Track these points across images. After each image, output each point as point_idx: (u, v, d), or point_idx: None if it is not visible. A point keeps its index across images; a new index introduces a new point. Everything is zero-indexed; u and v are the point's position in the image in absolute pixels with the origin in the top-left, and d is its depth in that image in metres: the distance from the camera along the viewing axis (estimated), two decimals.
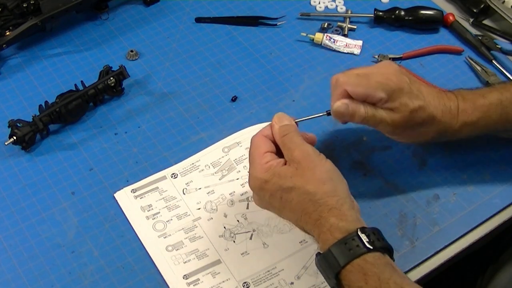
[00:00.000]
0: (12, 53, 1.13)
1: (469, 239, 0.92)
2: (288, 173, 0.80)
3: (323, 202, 0.78)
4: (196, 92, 1.08)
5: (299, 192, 0.79)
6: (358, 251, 0.74)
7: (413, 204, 0.94)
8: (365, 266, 0.74)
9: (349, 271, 0.74)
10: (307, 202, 0.79)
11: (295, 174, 0.80)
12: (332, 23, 1.17)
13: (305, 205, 0.79)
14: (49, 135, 1.02)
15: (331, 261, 0.75)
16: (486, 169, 0.98)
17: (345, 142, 1.00)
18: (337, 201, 0.78)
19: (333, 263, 0.75)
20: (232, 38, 1.16)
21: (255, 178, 0.83)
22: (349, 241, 0.75)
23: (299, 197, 0.79)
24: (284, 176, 0.80)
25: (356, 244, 0.75)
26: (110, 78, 1.04)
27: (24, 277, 0.87)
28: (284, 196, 0.81)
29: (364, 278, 0.73)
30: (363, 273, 0.74)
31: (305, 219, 0.80)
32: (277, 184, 0.81)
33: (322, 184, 0.79)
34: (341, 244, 0.75)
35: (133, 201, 0.94)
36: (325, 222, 0.77)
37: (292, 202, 0.80)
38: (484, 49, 1.12)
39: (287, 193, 0.80)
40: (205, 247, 0.89)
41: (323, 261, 0.77)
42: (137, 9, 1.20)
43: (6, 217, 0.93)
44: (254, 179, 0.83)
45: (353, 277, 0.74)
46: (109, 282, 0.87)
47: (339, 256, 0.75)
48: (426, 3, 1.18)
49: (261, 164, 0.82)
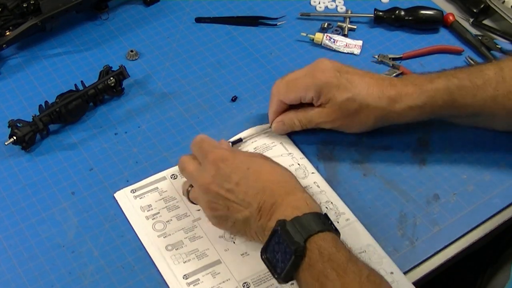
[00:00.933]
0: (12, 53, 1.13)
1: (469, 239, 0.92)
2: (229, 159, 0.87)
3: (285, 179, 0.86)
4: (196, 92, 1.08)
5: (255, 165, 0.86)
6: (328, 226, 0.78)
7: (413, 204, 0.94)
8: (336, 238, 0.78)
9: (321, 238, 0.76)
10: (274, 173, 0.86)
11: (235, 156, 0.88)
12: (332, 23, 1.17)
13: (271, 176, 0.85)
14: (49, 135, 1.02)
15: (300, 226, 0.77)
16: (486, 169, 0.98)
17: (345, 142, 1.00)
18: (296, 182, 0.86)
19: (305, 228, 0.76)
20: (232, 38, 1.16)
21: (199, 194, 0.88)
22: (321, 216, 0.79)
23: (259, 170, 0.86)
24: (224, 160, 0.86)
25: (329, 221, 0.80)
26: (110, 78, 1.04)
27: (24, 277, 0.87)
28: (240, 174, 0.85)
29: (335, 245, 0.76)
30: (335, 242, 0.77)
31: (276, 188, 0.83)
32: (223, 172, 0.85)
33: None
34: (313, 215, 0.78)
35: (133, 201, 0.94)
36: (298, 191, 0.83)
37: (248, 179, 0.84)
38: (484, 49, 1.12)
39: (240, 169, 0.86)
40: (205, 247, 0.89)
41: (292, 225, 0.77)
42: (137, 9, 1.20)
43: (6, 217, 0.93)
44: (200, 193, 0.87)
45: (324, 243, 0.76)
46: (109, 282, 0.87)
47: (313, 224, 0.77)
48: (426, 3, 1.18)
49: (198, 178, 0.87)
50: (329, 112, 0.94)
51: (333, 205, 0.92)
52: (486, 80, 0.92)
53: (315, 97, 0.93)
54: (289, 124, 0.97)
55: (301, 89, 0.93)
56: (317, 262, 0.75)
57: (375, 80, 0.94)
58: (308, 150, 0.99)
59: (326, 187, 0.95)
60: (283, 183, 0.84)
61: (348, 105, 0.93)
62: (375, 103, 0.92)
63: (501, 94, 0.92)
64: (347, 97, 0.92)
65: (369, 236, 0.90)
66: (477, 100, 0.92)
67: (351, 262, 0.75)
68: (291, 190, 0.83)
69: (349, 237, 0.88)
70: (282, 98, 0.95)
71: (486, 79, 0.92)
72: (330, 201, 0.93)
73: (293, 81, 0.95)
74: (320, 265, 0.74)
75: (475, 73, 0.93)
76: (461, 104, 0.93)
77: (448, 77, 0.93)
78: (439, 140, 1.01)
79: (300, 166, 0.97)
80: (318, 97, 0.93)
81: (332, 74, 0.93)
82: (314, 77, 0.93)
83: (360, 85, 0.93)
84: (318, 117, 0.95)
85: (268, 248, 0.79)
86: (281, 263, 0.77)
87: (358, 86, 0.93)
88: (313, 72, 0.94)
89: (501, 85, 0.92)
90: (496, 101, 0.92)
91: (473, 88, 0.92)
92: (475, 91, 0.92)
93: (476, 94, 0.92)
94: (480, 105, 0.92)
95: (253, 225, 0.83)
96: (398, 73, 1.09)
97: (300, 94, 0.94)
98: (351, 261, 0.75)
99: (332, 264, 0.74)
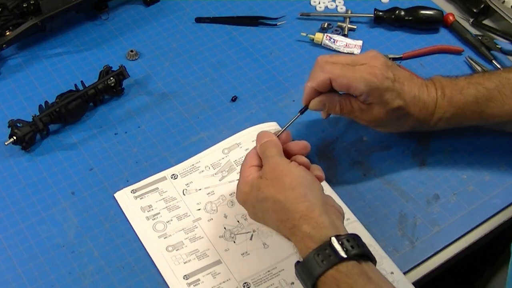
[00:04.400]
0: (12, 53, 1.13)
1: (469, 239, 0.92)
2: (261, 185, 0.81)
3: (293, 209, 0.78)
4: (196, 92, 1.08)
5: (271, 201, 0.80)
6: (331, 261, 0.73)
7: (413, 204, 0.94)
8: (339, 277, 0.73)
9: (323, 282, 0.73)
10: (280, 211, 0.79)
11: (267, 185, 0.81)
12: (332, 23, 1.17)
13: (279, 214, 0.80)
14: (49, 135, 1.02)
15: (306, 272, 0.75)
16: (486, 169, 0.98)
17: (345, 142, 1.00)
18: (308, 206, 0.78)
19: (308, 274, 0.74)
20: (232, 38, 1.16)
21: (239, 191, 0.85)
22: (321, 251, 0.74)
23: (273, 207, 0.80)
24: (258, 187, 0.82)
25: (329, 254, 0.73)
26: (110, 78, 1.04)
27: (24, 277, 0.87)
28: (262, 207, 0.82)
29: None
30: (336, 284, 0.72)
31: (282, 228, 0.80)
32: (254, 196, 0.82)
33: (291, 191, 0.79)
34: (314, 255, 0.74)
35: (133, 201, 0.94)
36: (298, 231, 0.77)
37: (268, 212, 0.81)
38: (484, 49, 1.12)
39: (263, 203, 0.81)
40: (205, 248, 0.89)
41: (300, 271, 0.76)
42: (137, 9, 1.20)
43: (6, 217, 0.93)
44: (238, 192, 0.86)
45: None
46: (109, 282, 0.87)
47: (313, 268, 0.74)
48: (426, 3, 1.18)
49: (244, 177, 0.85)
50: (374, 113, 0.90)
51: None
52: None
53: (364, 94, 0.88)
54: (330, 107, 0.91)
55: (357, 80, 0.87)
56: None
57: (418, 88, 0.91)
58: None
59: (326, 187, 0.94)
60: (291, 216, 0.79)
61: (396, 112, 0.90)
62: (417, 114, 0.91)
63: None
64: (398, 105, 0.89)
65: (369, 236, 0.90)
66: (505, 109, 0.91)
67: None
68: (296, 225, 0.78)
69: None
70: (334, 79, 0.88)
71: None
72: None
73: (350, 67, 0.88)
74: None
75: (504, 83, 0.92)
76: (489, 115, 0.92)
77: (477, 87, 0.92)
78: (439, 140, 1.01)
79: None
80: (367, 96, 0.88)
81: (388, 75, 0.88)
82: (373, 74, 0.87)
83: (409, 93, 0.90)
84: (362, 113, 0.91)
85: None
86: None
87: (408, 95, 0.90)
88: (372, 67, 0.88)
89: None
90: None
91: (501, 99, 0.91)
92: (504, 101, 0.91)
93: (504, 104, 0.91)
94: (508, 115, 0.92)
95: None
96: None
97: (354, 84, 0.87)
98: None
99: None
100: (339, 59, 0.89)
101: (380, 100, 0.89)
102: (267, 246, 0.90)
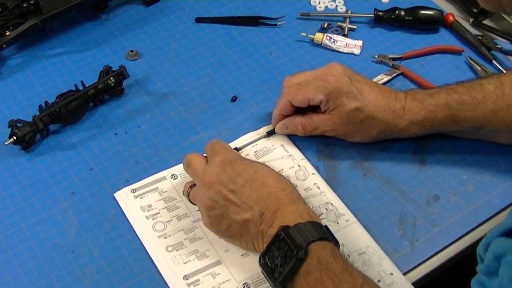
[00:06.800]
0: (12, 53, 1.13)
1: (469, 240, 0.92)
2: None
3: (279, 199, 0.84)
4: (196, 92, 1.08)
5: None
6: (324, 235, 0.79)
7: (413, 204, 0.94)
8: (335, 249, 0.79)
9: (320, 246, 0.77)
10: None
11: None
12: (332, 23, 1.17)
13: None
14: (49, 135, 1.02)
15: (302, 234, 0.78)
16: (486, 169, 0.98)
17: (345, 142, 1.00)
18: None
19: (304, 236, 0.77)
20: (232, 38, 1.16)
21: (205, 189, 0.87)
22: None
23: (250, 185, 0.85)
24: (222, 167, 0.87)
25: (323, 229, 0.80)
26: (110, 78, 1.04)
27: (24, 277, 0.87)
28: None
29: (333, 254, 0.77)
30: (333, 251, 0.77)
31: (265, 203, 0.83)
32: (226, 174, 0.86)
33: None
34: (312, 223, 0.79)
35: (133, 201, 0.94)
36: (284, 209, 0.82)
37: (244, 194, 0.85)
38: (484, 49, 1.12)
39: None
40: (205, 248, 0.89)
41: (295, 231, 0.78)
42: (137, 9, 1.20)
43: (6, 217, 0.93)
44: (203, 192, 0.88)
45: (323, 252, 0.76)
46: (109, 282, 0.87)
47: (310, 233, 0.78)
48: (426, 3, 1.18)
49: (202, 173, 0.88)
50: (335, 120, 0.94)
51: (333, 206, 0.92)
52: (486, 94, 0.92)
53: (323, 101, 0.93)
54: (293, 129, 0.98)
55: (311, 91, 0.93)
56: (315, 270, 0.76)
57: (382, 93, 0.95)
58: (308, 151, 0.99)
59: (326, 188, 0.95)
60: (288, 192, 0.84)
61: (355, 114, 0.93)
62: (381, 116, 0.94)
63: (500, 108, 0.92)
64: (355, 106, 0.93)
65: (369, 237, 0.90)
66: (477, 114, 0.93)
67: (347, 272, 0.75)
68: (294, 200, 0.83)
69: (349, 238, 0.88)
70: (291, 99, 0.95)
71: (486, 93, 0.93)
72: (330, 202, 0.93)
73: (304, 83, 0.95)
74: (318, 273, 0.75)
75: (476, 88, 0.93)
76: (461, 119, 0.93)
77: (449, 91, 0.94)
78: (439, 140, 1.01)
79: (301, 167, 0.97)
80: (327, 101, 0.93)
81: (343, 80, 0.93)
82: (325, 80, 0.93)
83: (369, 95, 0.94)
84: (323, 124, 0.96)
85: (268, 253, 0.79)
86: (280, 267, 0.77)
87: (367, 97, 0.94)
88: (325, 76, 0.94)
89: (500, 99, 0.92)
90: (496, 115, 0.92)
91: (473, 103, 0.92)
92: (475, 106, 0.92)
93: (476, 108, 0.92)
94: (480, 119, 0.93)
95: (252, 229, 0.83)
96: (398, 73, 1.09)
97: (309, 96, 0.93)
98: (347, 271, 0.76)
99: (329, 273, 0.75)
100: (297, 79, 0.96)
101: (337, 103, 0.93)
102: None
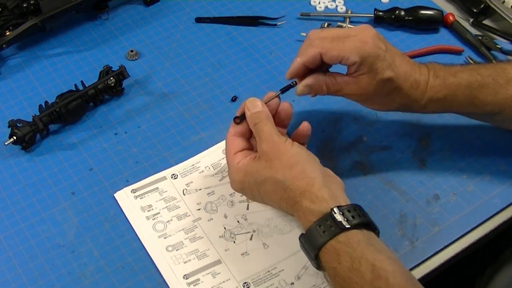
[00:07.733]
0: (12, 53, 1.13)
1: (469, 239, 0.92)
2: (259, 167, 0.83)
3: (294, 187, 0.80)
4: (196, 92, 1.08)
5: (271, 182, 0.82)
6: (332, 232, 0.76)
7: (413, 204, 0.94)
8: (338, 247, 0.76)
9: (325, 252, 0.77)
10: (281, 190, 0.82)
11: (265, 167, 0.83)
12: (332, 23, 1.17)
13: (280, 193, 0.82)
14: (49, 135, 1.02)
15: (309, 243, 0.78)
16: (486, 169, 0.98)
17: (345, 142, 1.00)
18: (307, 182, 0.80)
19: (311, 245, 0.77)
20: (232, 38, 1.16)
21: (233, 181, 0.88)
22: (323, 223, 0.77)
23: (273, 187, 0.82)
24: (255, 171, 0.84)
25: (330, 225, 0.76)
26: (110, 78, 1.04)
27: (24, 277, 0.87)
28: (262, 189, 0.84)
29: (337, 258, 0.75)
30: (336, 254, 0.75)
31: (284, 206, 0.83)
32: (251, 181, 0.84)
33: (289, 169, 0.81)
34: (316, 226, 0.77)
35: (133, 201, 0.94)
36: (299, 206, 0.80)
37: (269, 193, 0.83)
38: (484, 49, 1.12)
39: (262, 185, 0.84)
40: (205, 248, 0.89)
41: (304, 243, 0.79)
42: (137, 9, 1.20)
43: (6, 217, 0.93)
44: (233, 182, 0.88)
45: (328, 258, 0.76)
46: (109, 282, 0.87)
47: (315, 239, 0.77)
48: (426, 3, 1.18)
49: (234, 165, 0.86)
50: (361, 85, 0.88)
51: None
52: (510, 79, 0.90)
53: (357, 64, 0.86)
54: (316, 89, 0.90)
55: (348, 50, 0.86)
56: (329, 276, 0.78)
57: (410, 66, 0.90)
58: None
59: None
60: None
61: (386, 84, 0.88)
62: (408, 90, 0.89)
63: None
64: (389, 76, 0.87)
65: None
66: (498, 99, 0.90)
67: (353, 271, 0.74)
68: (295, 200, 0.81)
69: None
70: (324, 53, 0.86)
71: (509, 78, 0.90)
72: None
73: (339, 39, 0.87)
74: (332, 280, 0.77)
75: (499, 71, 0.91)
76: (481, 102, 0.91)
77: (472, 72, 0.91)
78: (439, 140, 1.01)
79: None
80: (359, 65, 0.86)
81: (380, 45, 0.87)
82: (364, 42, 0.86)
83: (401, 67, 0.89)
84: (347, 88, 0.89)
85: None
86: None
87: (400, 68, 0.89)
88: (362, 37, 0.87)
89: None
90: None
91: (495, 86, 0.90)
92: (497, 90, 0.90)
93: (497, 93, 0.90)
94: (500, 104, 0.91)
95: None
96: None
97: (344, 54, 0.86)
98: (353, 270, 0.74)
99: (338, 279, 0.75)
100: (329, 33, 0.88)
101: (371, 69, 0.87)
102: (267, 246, 0.90)
